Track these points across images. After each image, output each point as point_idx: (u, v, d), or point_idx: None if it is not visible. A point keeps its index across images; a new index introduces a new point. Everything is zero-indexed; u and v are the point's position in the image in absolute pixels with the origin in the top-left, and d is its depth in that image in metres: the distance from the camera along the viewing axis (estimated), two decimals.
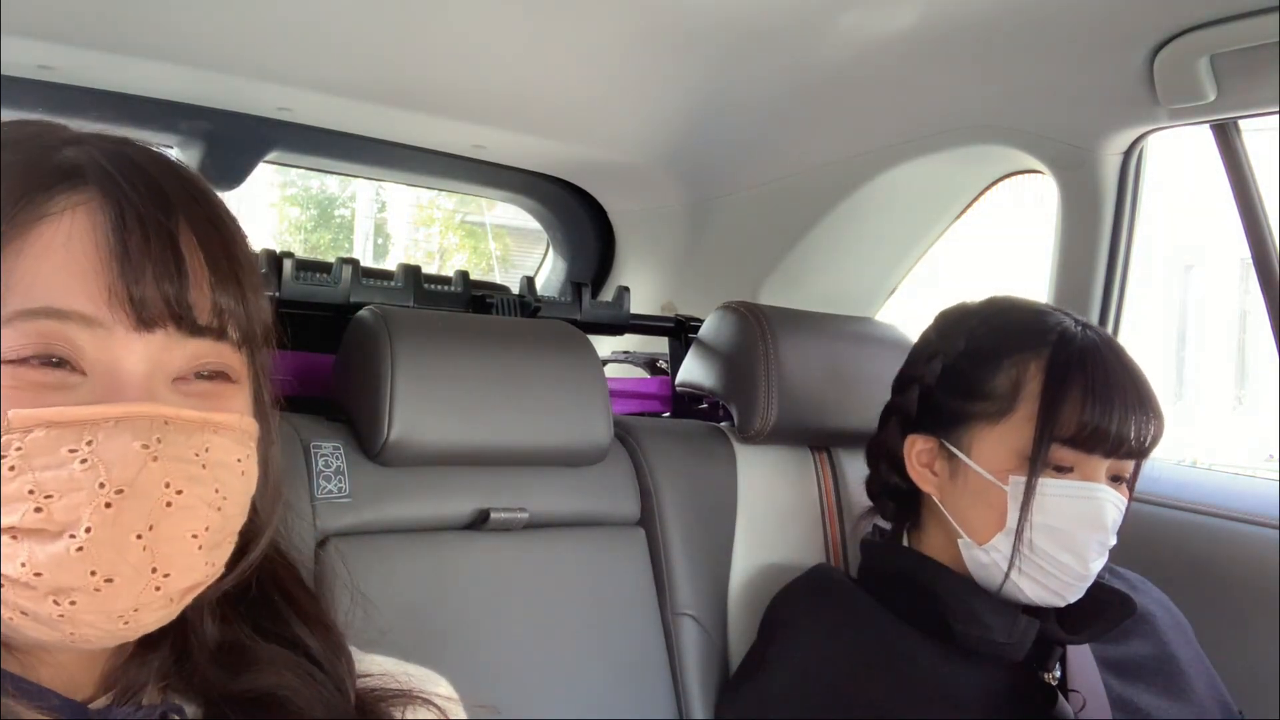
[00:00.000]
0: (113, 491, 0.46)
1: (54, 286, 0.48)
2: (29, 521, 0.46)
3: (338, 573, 0.93)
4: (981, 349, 0.98)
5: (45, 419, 0.46)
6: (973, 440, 0.96)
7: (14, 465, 0.46)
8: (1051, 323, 0.97)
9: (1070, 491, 0.91)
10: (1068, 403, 0.91)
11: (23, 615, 0.47)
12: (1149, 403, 0.93)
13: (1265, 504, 1.21)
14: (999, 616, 0.93)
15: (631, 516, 1.15)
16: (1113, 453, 0.92)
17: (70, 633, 0.47)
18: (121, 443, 0.47)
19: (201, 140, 1.45)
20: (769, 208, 1.66)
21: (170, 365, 0.50)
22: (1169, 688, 0.99)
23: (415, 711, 0.63)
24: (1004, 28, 1.21)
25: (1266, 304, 1.25)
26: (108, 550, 0.46)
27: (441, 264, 8.97)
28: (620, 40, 1.28)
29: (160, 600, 0.49)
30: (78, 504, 0.46)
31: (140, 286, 0.48)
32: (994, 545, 0.94)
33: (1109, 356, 0.94)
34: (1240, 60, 1.13)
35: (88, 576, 0.46)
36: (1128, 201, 1.35)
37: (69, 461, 0.46)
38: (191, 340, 0.51)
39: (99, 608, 0.47)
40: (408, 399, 0.96)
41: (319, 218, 9.47)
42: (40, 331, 0.47)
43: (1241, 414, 7.21)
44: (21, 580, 0.46)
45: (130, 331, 0.49)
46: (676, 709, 1.08)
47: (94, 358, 0.48)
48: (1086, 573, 0.92)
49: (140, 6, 1.14)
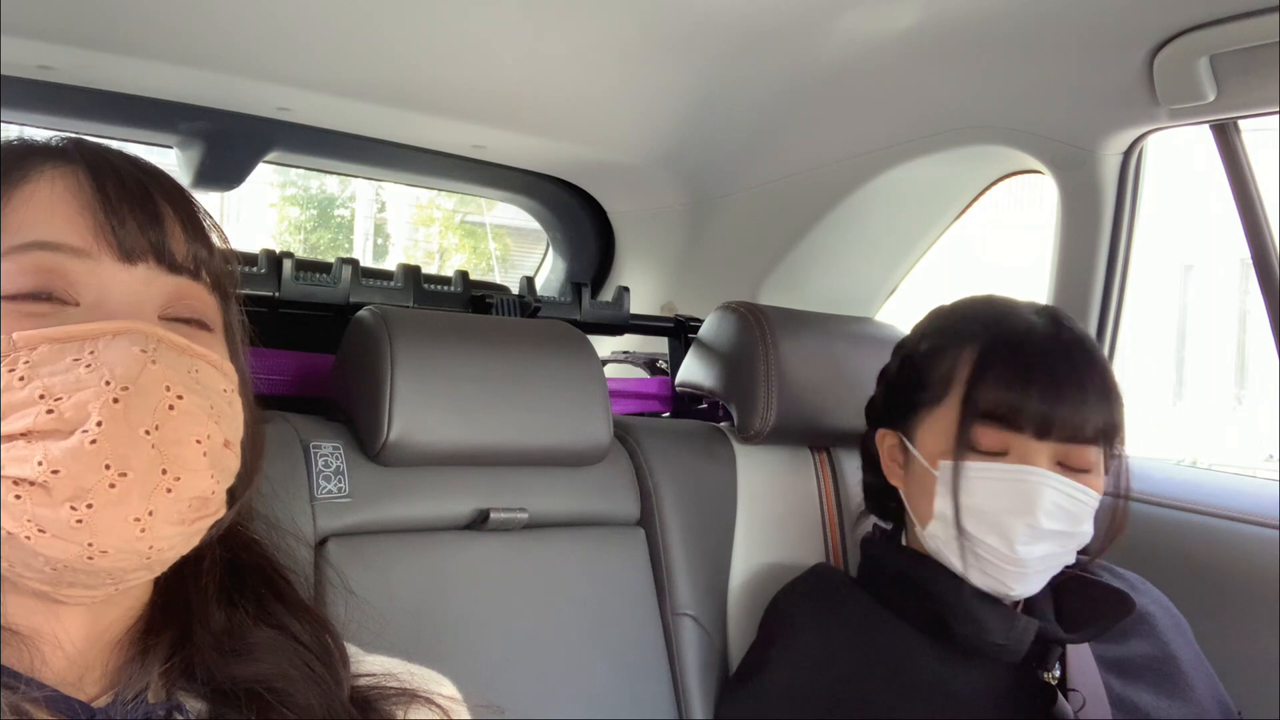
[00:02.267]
0: (119, 388, 0.49)
1: (44, 224, 0.53)
2: (42, 423, 0.48)
3: (337, 573, 0.93)
4: (933, 341, 1.01)
5: (48, 336, 0.50)
6: (917, 429, 0.98)
7: (23, 375, 0.49)
8: (1001, 311, 0.97)
9: (998, 474, 0.91)
10: (987, 384, 0.92)
11: (39, 532, 0.48)
12: (1091, 387, 0.91)
13: (1265, 504, 1.21)
14: (997, 616, 0.93)
15: (631, 517, 1.15)
16: (1043, 434, 0.90)
17: (89, 543, 0.48)
18: (121, 348, 0.50)
19: (201, 140, 1.45)
20: (769, 208, 1.66)
21: (153, 299, 0.55)
22: (1169, 687, 0.99)
23: (417, 711, 0.63)
24: (1004, 28, 1.21)
25: (1266, 304, 1.25)
26: (119, 444, 0.48)
27: (441, 264, 8.97)
28: (620, 40, 1.28)
29: (174, 507, 0.50)
30: (86, 400, 0.48)
31: (122, 222, 0.54)
32: (931, 531, 0.96)
33: (1046, 336, 0.93)
34: (1240, 60, 1.13)
35: (103, 470, 0.48)
36: (1128, 201, 1.35)
37: (74, 367, 0.49)
38: (171, 276, 0.55)
39: (114, 508, 0.48)
40: (407, 399, 0.96)
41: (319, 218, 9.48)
42: (35, 264, 0.52)
43: (1241, 414, 7.21)
44: (39, 481, 0.48)
45: (116, 263, 0.54)
46: (676, 709, 1.08)
47: (83, 286, 0.53)
48: (1015, 556, 0.90)
49: (140, 6, 1.14)
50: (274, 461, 0.93)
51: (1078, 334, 0.95)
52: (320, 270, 1.19)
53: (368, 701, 0.61)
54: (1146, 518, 1.28)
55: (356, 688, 0.62)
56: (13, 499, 0.48)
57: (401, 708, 0.62)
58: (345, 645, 0.65)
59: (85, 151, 0.57)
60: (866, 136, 1.50)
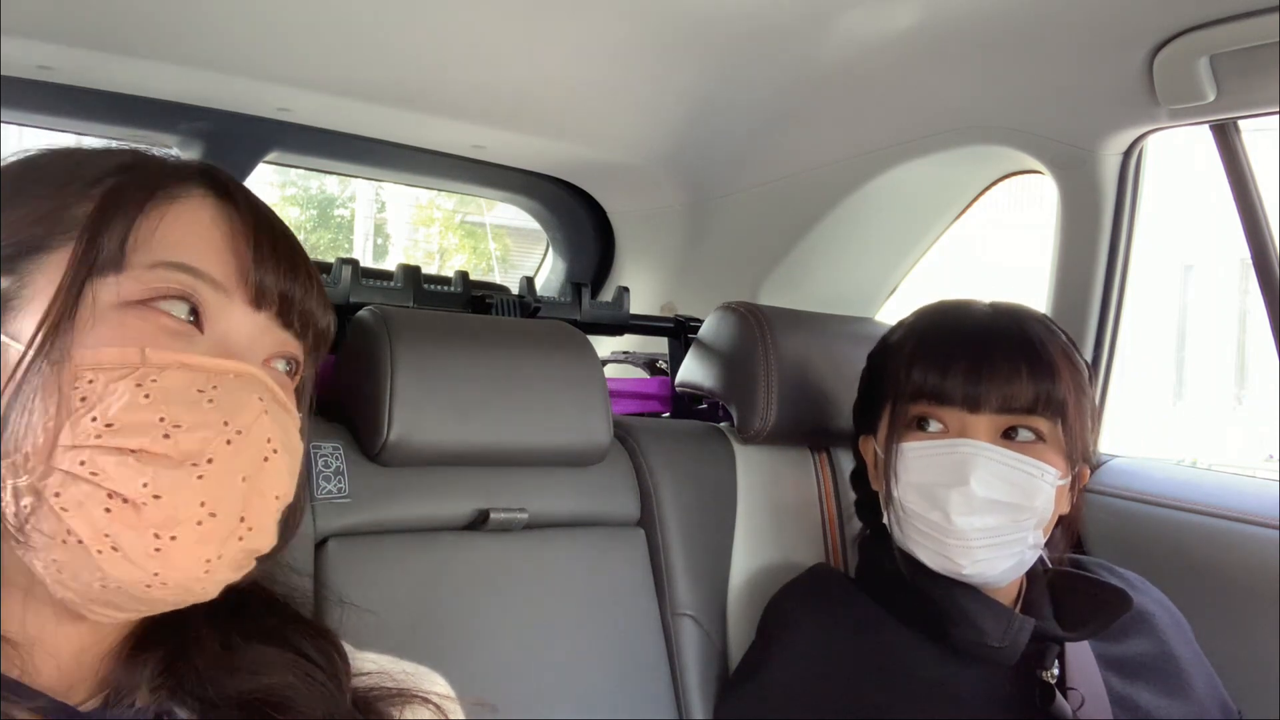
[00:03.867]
0: (234, 431, 0.50)
1: (194, 250, 0.54)
2: (158, 446, 0.49)
3: (337, 573, 0.93)
4: (885, 344, 1.05)
5: (179, 360, 0.51)
6: (879, 425, 1.01)
7: (149, 393, 0.49)
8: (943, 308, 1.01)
9: (932, 449, 0.93)
10: (918, 365, 0.95)
11: (113, 550, 0.48)
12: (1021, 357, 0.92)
13: (1265, 504, 1.21)
14: (992, 618, 0.93)
15: (631, 517, 1.15)
16: (973, 407, 0.92)
17: (155, 573, 0.48)
18: (243, 392, 0.52)
19: (201, 140, 1.45)
20: (769, 208, 1.66)
21: (265, 347, 0.57)
22: (1168, 686, 0.99)
23: (414, 711, 0.63)
24: (1004, 28, 1.21)
25: (1266, 304, 1.25)
26: (220, 486, 0.49)
27: (441, 264, 8.97)
28: (620, 40, 1.28)
29: (238, 555, 0.51)
30: (205, 437, 0.50)
31: (264, 274, 0.56)
32: (887, 519, 0.98)
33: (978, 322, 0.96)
34: (1240, 60, 1.13)
35: (197, 507, 0.49)
36: (1127, 201, 1.35)
37: (199, 400, 0.50)
38: (282, 330, 0.58)
39: (193, 546, 0.49)
40: (407, 399, 0.96)
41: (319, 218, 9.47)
42: (179, 283, 0.53)
43: (1241, 414, 7.21)
44: (138, 501, 0.48)
45: (245, 305, 0.55)
46: (676, 709, 1.08)
47: (213, 318, 0.54)
48: (954, 528, 0.91)
49: (140, 6, 1.14)
50: None
51: (1018, 316, 0.97)
52: (320, 270, 1.19)
53: (366, 704, 0.61)
54: (1146, 518, 1.28)
55: (355, 689, 0.62)
56: (102, 511, 0.48)
57: (398, 708, 0.62)
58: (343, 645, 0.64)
59: (236, 189, 0.58)
60: (866, 136, 1.50)
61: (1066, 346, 0.97)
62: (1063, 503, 0.96)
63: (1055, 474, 0.92)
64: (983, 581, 0.94)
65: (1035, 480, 0.91)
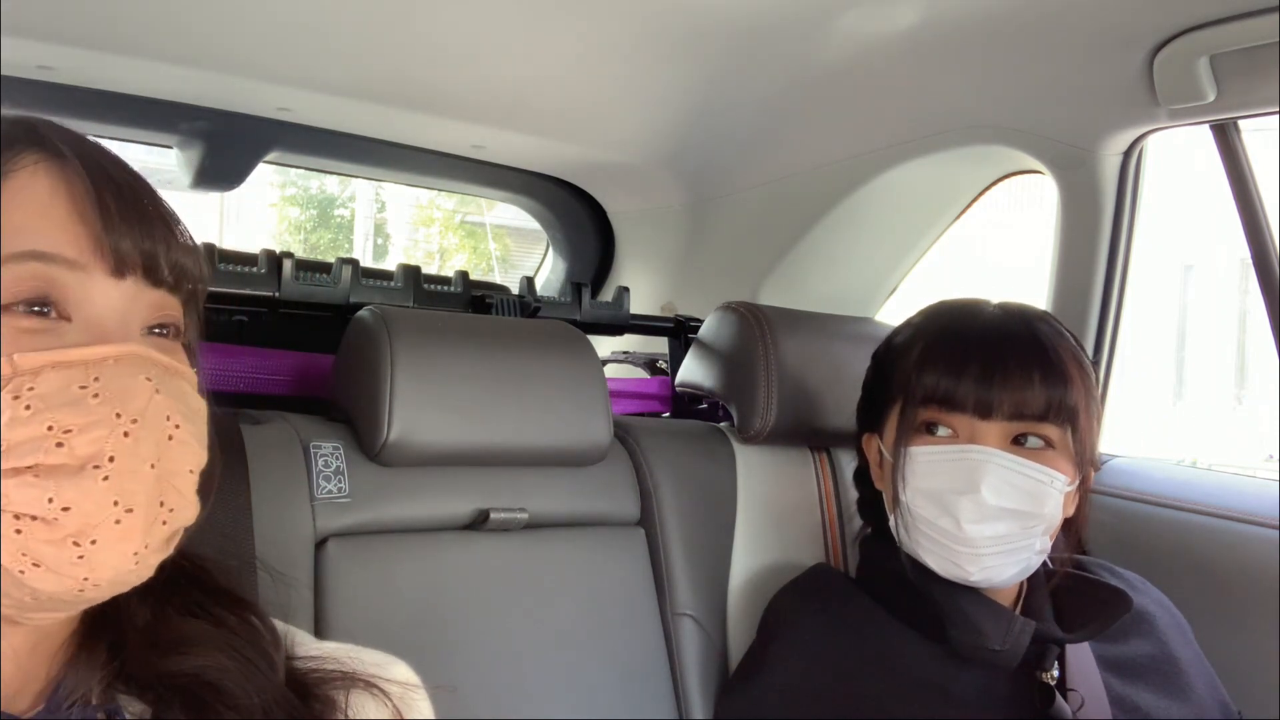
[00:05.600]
0: (129, 421, 0.48)
1: (38, 232, 0.50)
2: (53, 458, 0.47)
3: (337, 573, 0.93)
4: (891, 344, 1.04)
5: (52, 360, 0.48)
6: (885, 427, 1.01)
7: (30, 405, 0.47)
8: (953, 309, 1.00)
9: (942, 455, 0.92)
10: (929, 369, 0.94)
11: (34, 566, 0.47)
12: (1034, 364, 0.92)
13: (1265, 504, 1.21)
14: (992, 620, 0.92)
15: (631, 516, 1.15)
16: (985, 413, 0.91)
17: (84, 578, 0.47)
18: (128, 376, 0.49)
19: (201, 140, 1.45)
20: (769, 208, 1.66)
21: (139, 313, 0.53)
22: (1169, 687, 0.99)
23: (358, 696, 0.61)
24: (1004, 28, 1.21)
25: (1266, 304, 1.25)
26: (128, 480, 0.48)
27: (441, 264, 8.97)
28: (620, 40, 1.28)
29: (163, 538, 0.50)
30: (100, 436, 0.47)
31: (119, 238, 0.51)
32: (894, 521, 0.97)
33: (990, 326, 0.95)
34: (1240, 60, 1.13)
35: (111, 507, 0.47)
36: (1127, 201, 1.35)
37: (83, 397, 0.48)
38: (155, 290, 0.54)
39: (116, 544, 0.48)
40: (407, 399, 0.96)
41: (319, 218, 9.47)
42: (31, 274, 0.49)
43: (1241, 414, 7.21)
44: (47, 518, 0.46)
45: (107, 277, 0.51)
46: (676, 709, 1.08)
47: (77, 301, 0.50)
48: (965, 535, 0.90)
49: (140, 6, 1.14)
50: (274, 462, 0.93)
51: (1029, 319, 0.96)
52: (320, 270, 1.19)
53: (305, 686, 0.60)
54: (1146, 518, 1.28)
55: (295, 671, 0.60)
56: (12, 533, 0.46)
57: (341, 692, 0.61)
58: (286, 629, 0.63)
59: (74, 145, 0.53)
60: (866, 136, 1.50)
61: (1076, 351, 0.97)
62: (1069, 506, 0.96)
63: (1064, 480, 0.92)
64: (987, 586, 0.94)
65: (1045, 487, 0.91)
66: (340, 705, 0.60)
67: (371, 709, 0.61)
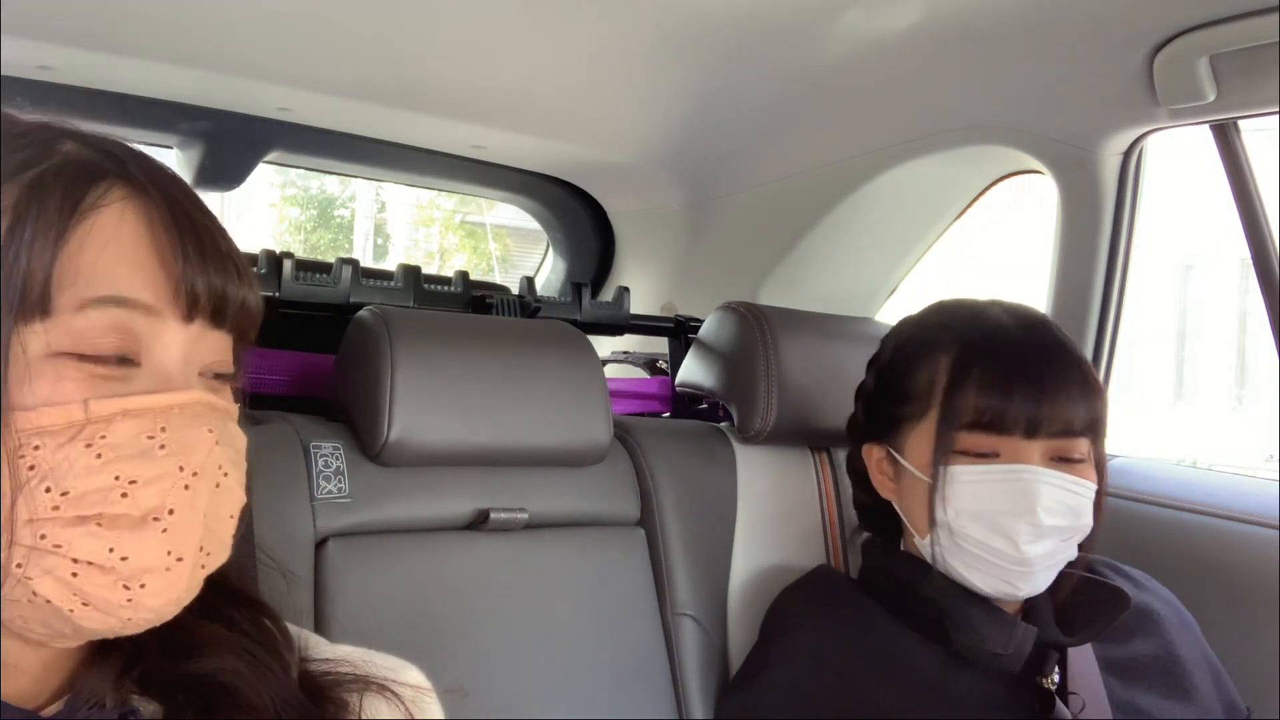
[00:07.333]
0: (190, 474, 0.49)
1: (118, 276, 0.49)
2: (116, 508, 0.47)
3: (337, 573, 0.93)
4: (906, 352, 1.01)
5: (123, 408, 0.48)
6: (905, 441, 0.98)
7: (101, 453, 0.47)
8: (971, 315, 0.98)
9: (993, 475, 0.91)
10: (967, 390, 0.92)
11: (84, 606, 0.47)
12: (1071, 380, 0.91)
13: (1265, 504, 1.21)
14: (996, 625, 0.92)
15: (631, 517, 1.15)
16: (1032, 433, 0.90)
17: (128, 618, 0.48)
18: (192, 428, 0.49)
19: (201, 140, 1.45)
20: (769, 208, 1.66)
21: (200, 356, 0.53)
22: (1172, 688, 0.98)
23: (371, 699, 0.61)
24: (1004, 28, 1.21)
25: (1266, 304, 1.25)
26: (184, 532, 0.49)
27: (441, 264, 8.97)
28: (620, 40, 1.28)
29: (200, 580, 0.51)
30: (164, 489, 0.48)
31: (195, 283, 0.51)
32: (931, 540, 0.95)
33: (1019, 336, 0.94)
34: (1240, 60, 1.13)
35: (164, 556, 0.48)
36: (1128, 201, 1.35)
37: (151, 449, 0.48)
38: (214, 332, 0.53)
39: (164, 590, 0.48)
40: (407, 399, 0.96)
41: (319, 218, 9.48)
42: (113, 323, 0.49)
43: (1241, 414, 7.21)
44: (106, 566, 0.47)
45: (178, 322, 0.51)
46: (676, 709, 1.08)
47: (147, 347, 0.50)
48: (1022, 556, 0.90)
49: (140, 6, 1.14)
50: (274, 461, 0.93)
51: (1052, 331, 0.96)
52: (320, 270, 1.19)
53: (320, 688, 0.60)
54: (1146, 518, 1.28)
55: (308, 674, 0.60)
56: (69, 576, 0.47)
57: (355, 694, 0.61)
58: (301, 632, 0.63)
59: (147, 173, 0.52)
60: (866, 136, 1.50)
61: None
62: None
63: (1094, 488, 0.93)
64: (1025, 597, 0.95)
65: (1083, 500, 0.92)
66: (354, 707, 0.60)
67: (385, 711, 0.61)
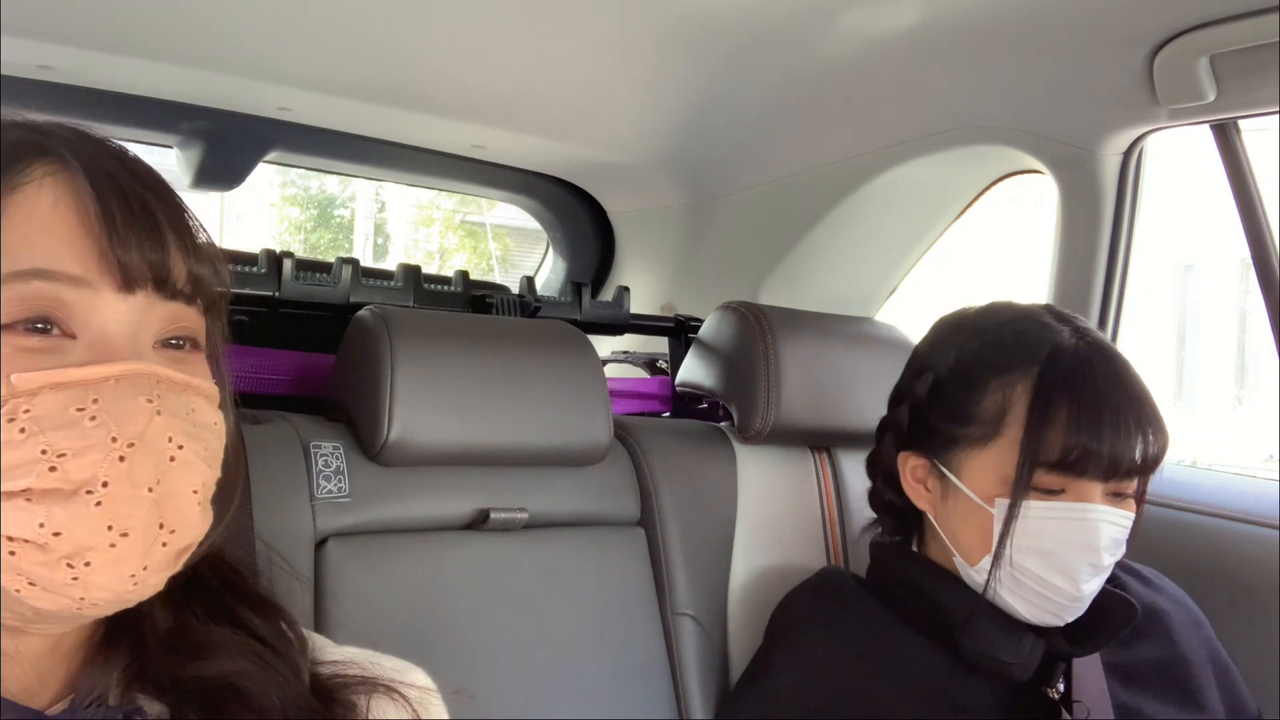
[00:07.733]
0: (125, 445, 0.47)
1: (42, 249, 0.49)
2: (45, 482, 0.46)
3: (337, 573, 0.93)
4: (969, 368, 0.95)
5: (50, 381, 0.47)
6: (962, 463, 0.94)
7: (24, 427, 0.46)
8: (1043, 337, 0.92)
9: (1059, 514, 0.88)
10: (1052, 427, 0.88)
11: (30, 585, 0.47)
12: (1147, 419, 0.89)
13: (1265, 504, 1.21)
14: (1005, 634, 0.92)
15: (631, 516, 1.15)
16: (1109, 476, 0.88)
17: (80, 598, 0.47)
18: (127, 398, 0.48)
19: (201, 140, 1.45)
20: (769, 208, 1.66)
21: (150, 328, 0.52)
22: (1177, 693, 0.98)
23: (379, 700, 0.61)
24: (1004, 28, 1.21)
25: (1266, 304, 1.25)
26: (123, 505, 0.47)
27: (441, 264, 8.97)
28: (620, 40, 1.28)
29: (166, 558, 0.49)
30: (94, 460, 0.47)
31: (126, 251, 0.50)
32: (983, 567, 0.92)
33: (1102, 372, 0.90)
34: (1240, 60, 1.13)
35: (104, 532, 0.47)
36: (1128, 201, 1.35)
37: (79, 420, 0.47)
38: (168, 303, 0.52)
39: (112, 567, 0.47)
40: (407, 399, 0.96)
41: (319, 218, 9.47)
42: (32, 293, 0.48)
43: (1241, 414, 7.21)
44: (39, 542, 0.46)
45: (115, 293, 0.50)
46: (676, 709, 1.08)
47: (82, 319, 0.49)
48: (1079, 594, 0.89)
49: (140, 6, 1.14)
50: (274, 461, 0.93)
51: (1125, 361, 0.92)
52: (320, 270, 1.19)
53: (329, 691, 0.60)
54: (1146, 518, 1.27)
55: (317, 676, 0.60)
56: (7, 554, 0.46)
57: (363, 697, 0.61)
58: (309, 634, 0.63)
59: (82, 152, 0.52)
60: (866, 136, 1.50)
61: None
62: None
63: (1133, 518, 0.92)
64: None
65: (1127, 532, 0.91)
66: (361, 709, 0.60)
67: (391, 712, 0.61)
